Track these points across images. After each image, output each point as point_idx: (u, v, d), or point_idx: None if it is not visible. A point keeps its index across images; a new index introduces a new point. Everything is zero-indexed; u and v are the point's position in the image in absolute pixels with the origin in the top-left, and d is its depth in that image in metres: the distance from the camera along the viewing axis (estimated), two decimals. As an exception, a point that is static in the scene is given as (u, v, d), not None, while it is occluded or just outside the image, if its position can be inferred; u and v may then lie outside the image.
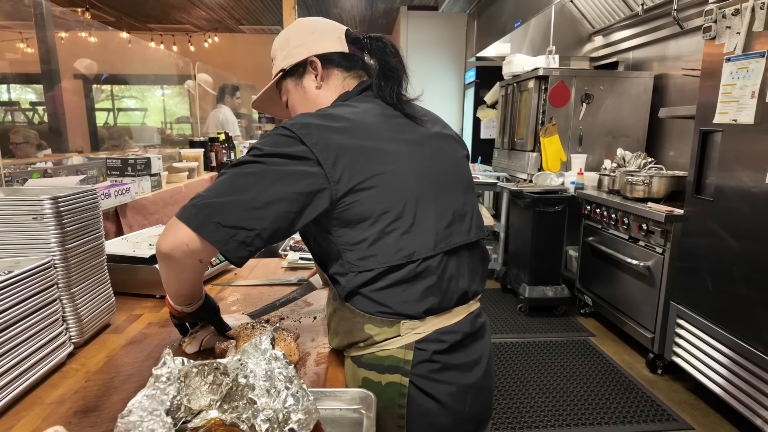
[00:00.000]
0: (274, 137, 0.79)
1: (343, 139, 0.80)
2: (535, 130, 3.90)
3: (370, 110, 0.88)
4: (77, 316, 0.98)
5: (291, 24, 1.03)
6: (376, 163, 0.81)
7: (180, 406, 0.71)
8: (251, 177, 0.76)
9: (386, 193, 0.81)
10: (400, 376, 0.83)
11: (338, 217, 0.81)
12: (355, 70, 0.98)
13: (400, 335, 0.84)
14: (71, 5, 6.70)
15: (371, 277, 0.82)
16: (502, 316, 3.55)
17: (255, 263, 1.60)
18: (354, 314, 0.85)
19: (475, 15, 5.07)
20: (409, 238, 0.82)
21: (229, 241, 0.75)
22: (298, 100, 0.99)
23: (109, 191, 1.59)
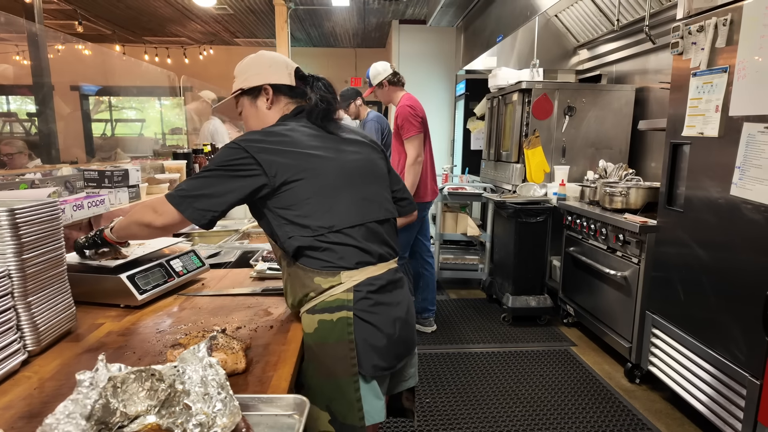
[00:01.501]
0: (229, 150, 1.14)
1: (277, 148, 1.14)
2: (519, 142, 3.96)
3: (300, 128, 1.22)
4: (33, 324, 1.00)
5: (256, 54, 1.32)
6: (302, 165, 1.15)
7: (116, 411, 0.74)
8: (216, 178, 1.11)
9: (310, 184, 1.14)
10: (346, 312, 1.13)
11: (277, 202, 1.14)
12: (296, 98, 1.31)
13: (342, 282, 1.14)
14: (66, 18, 6.78)
15: (308, 242, 1.13)
16: (486, 325, 3.56)
17: (225, 273, 1.63)
18: (305, 271, 1.15)
19: (462, 29, 5.16)
20: (329, 215, 1.14)
21: (202, 219, 1.12)
22: (251, 114, 1.32)
23: (82, 203, 1.62)
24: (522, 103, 3.89)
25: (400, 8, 6.32)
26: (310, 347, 1.15)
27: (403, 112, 3.01)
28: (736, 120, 1.89)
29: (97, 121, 9.14)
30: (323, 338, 1.13)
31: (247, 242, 2.07)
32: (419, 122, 3.01)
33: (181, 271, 1.47)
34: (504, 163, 4.26)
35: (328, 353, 1.12)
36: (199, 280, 1.55)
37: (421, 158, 3.04)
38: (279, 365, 0.98)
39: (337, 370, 1.12)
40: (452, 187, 4.32)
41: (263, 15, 6.79)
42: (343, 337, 1.12)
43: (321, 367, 1.13)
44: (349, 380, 1.12)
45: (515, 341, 3.29)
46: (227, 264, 1.75)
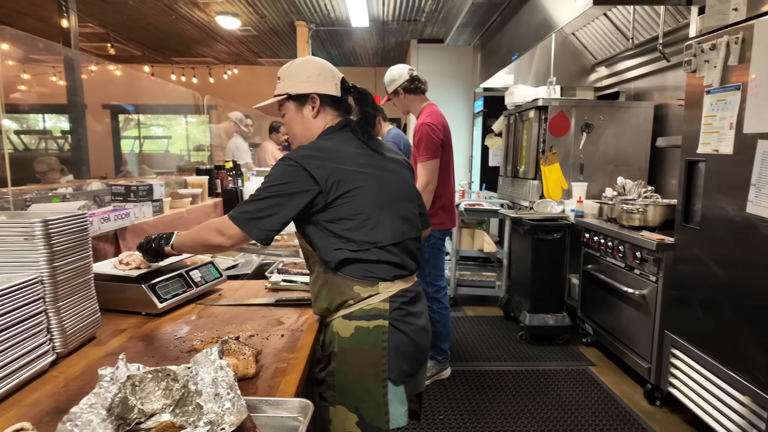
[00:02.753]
0: (286, 168, 1.19)
1: (332, 165, 1.20)
2: (537, 159, 3.96)
3: (348, 144, 1.28)
4: (62, 328, 1.07)
5: (305, 59, 1.36)
6: (353, 181, 1.21)
7: (134, 407, 0.79)
8: (277, 198, 1.17)
9: (360, 201, 1.21)
10: (381, 320, 1.21)
11: (326, 215, 1.19)
12: (341, 111, 1.35)
13: (380, 293, 1.22)
14: (99, 41, 7.12)
15: (352, 255, 1.19)
16: (503, 343, 3.54)
17: (241, 284, 1.69)
18: (345, 279, 1.21)
19: (479, 47, 5.22)
20: (374, 231, 1.22)
21: (267, 238, 1.18)
22: (296, 120, 1.34)
23: (109, 215, 1.71)
24: (539, 120, 3.91)
25: (418, 28, 6.45)
26: (344, 350, 1.20)
27: (422, 132, 2.64)
28: (750, 137, 1.88)
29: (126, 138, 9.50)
30: (358, 343, 1.19)
31: (264, 256, 2.13)
32: (437, 145, 2.64)
33: (200, 282, 1.53)
34: (521, 179, 4.26)
35: (362, 358, 1.19)
36: (216, 290, 1.62)
37: (432, 186, 2.67)
38: (287, 372, 1.02)
39: (368, 374, 1.19)
40: (469, 203, 4.33)
41: (286, 36, 7.01)
42: (377, 344, 1.20)
43: (353, 370, 1.19)
44: (379, 384, 1.20)
45: (532, 360, 3.25)
46: (244, 275, 1.81)
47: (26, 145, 8.59)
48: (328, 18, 6.17)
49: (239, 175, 3.29)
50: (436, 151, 2.66)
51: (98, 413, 0.61)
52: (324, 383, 1.23)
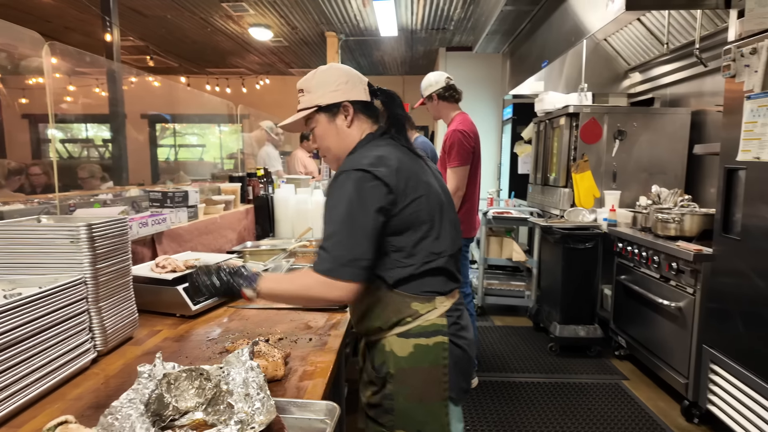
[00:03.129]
0: (362, 184, 1.07)
1: (397, 171, 1.11)
2: (567, 166, 3.89)
3: (397, 150, 1.19)
4: (102, 327, 1.13)
5: (327, 67, 1.27)
6: (415, 188, 1.13)
7: (169, 405, 0.82)
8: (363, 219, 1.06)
9: (424, 209, 1.13)
10: (441, 337, 1.13)
11: (391, 228, 1.10)
12: (373, 116, 1.27)
13: (437, 308, 1.14)
14: (139, 53, 7.43)
15: (413, 270, 1.11)
16: (532, 355, 3.47)
17: (270, 289, 1.73)
18: (402, 297, 1.12)
19: (508, 55, 5.19)
20: (437, 242, 1.14)
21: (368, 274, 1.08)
22: (329, 132, 1.24)
23: (147, 221, 1.78)
24: (570, 127, 3.85)
25: (447, 36, 6.47)
26: (402, 371, 1.12)
27: (454, 138, 2.69)
28: (795, 144, 1.80)
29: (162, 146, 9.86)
30: (418, 362, 1.12)
31: (293, 260, 2.17)
32: (468, 152, 2.71)
33: (232, 286, 1.57)
34: (551, 187, 4.20)
35: (422, 377, 1.12)
36: (247, 294, 1.65)
37: (461, 192, 2.73)
38: (315, 375, 1.04)
39: (429, 394, 1.12)
40: (497, 211, 4.29)
41: (316, 46, 7.15)
42: (437, 362, 1.13)
43: (414, 391, 1.11)
44: (441, 404, 1.13)
45: (563, 372, 3.18)
46: (274, 280, 1.85)
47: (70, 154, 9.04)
48: (357, 28, 6.26)
49: (270, 182, 3.37)
50: (467, 157, 2.71)
51: (137, 408, 0.65)
52: (379, 407, 1.14)
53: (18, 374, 0.88)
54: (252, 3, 5.36)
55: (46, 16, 5.91)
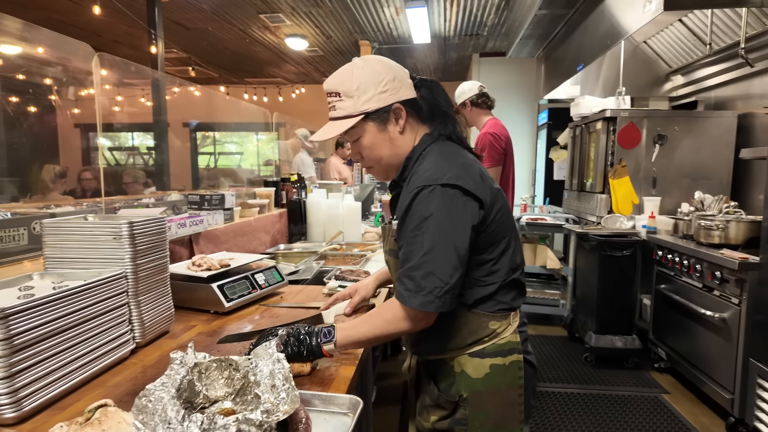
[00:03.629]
0: (444, 200, 0.95)
1: (483, 182, 1.02)
2: (604, 172, 3.80)
3: (463, 154, 1.08)
4: (141, 320, 1.18)
5: (363, 63, 1.06)
6: (496, 198, 1.04)
7: (199, 393, 0.86)
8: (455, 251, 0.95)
9: (505, 222, 1.05)
10: (517, 355, 1.06)
11: (479, 243, 1.01)
12: (422, 115, 1.10)
13: (511, 324, 1.07)
14: (182, 64, 7.75)
15: (494, 289, 1.04)
16: (566, 365, 3.38)
17: (301, 289, 1.77)
18: (479, 316, 1.04)
19: (542, 59, 5.12)
20: (515, 252, 1.08)
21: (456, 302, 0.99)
22: (379, 142, 1.07)
23: (185, 221, 1.86)
24: (607, 131, 3.75)
25: (480, 42, 6.45)
26: (478, 394, 1.03)
27: (484, 140, 2.80)
28: None
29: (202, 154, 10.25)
30: (495, 384, 1.03)
31: (323, 263, 2.21)
32: (500, 154, 2.81)
33: (264, 284, 1.62)
34: (588, 193, 4.09)
35: (500, 400, 1.03)
36: (278, 293, 1.70)
37: None
38: (340, 371, 1.06)
39: (507, 418, 1.04)
40: (531, 218, 4.22)
41: (350, 55, 7.25)
42: (514, 382, 1.05)
43: (492, 415, 1.03)
44: (518, 428, 1.06)
45: (598, 383, 3.08)
46: (304, 281, 1.89)
47: (117, 161, 9.53)
48: (390, 36, 6.33)
49: (303, 187, 3.44)
50: (499, 159, 2.80)
51: (168, 391, 0.68)
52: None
53: (63, 360, 0.94)
54: (288, 14, 5.52)
55: (98, 31, 6.28)
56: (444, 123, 1.10)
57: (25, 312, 0.86)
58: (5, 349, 0.82)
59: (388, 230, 1.17)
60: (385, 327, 1.00)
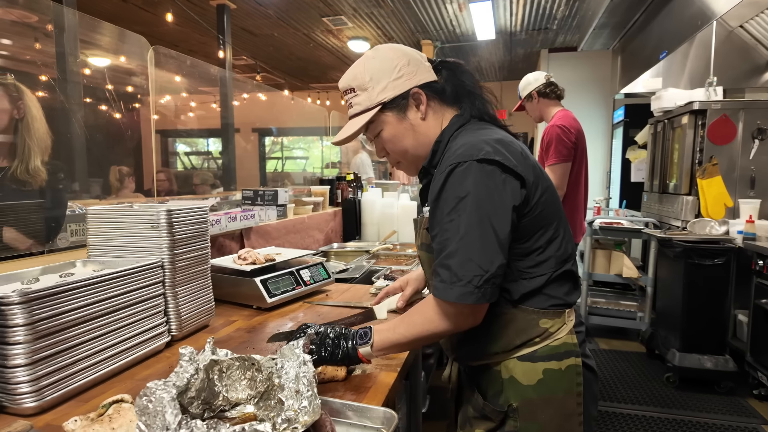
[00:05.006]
0: (480, 178, 0.84)
1: (524, 158, 0.91)
2: (691, 171, 3.40)
3: (503, 132, 0.97)
4: (177, 312, 1.14)
5: (373, 53, 1.00)
6: (545, 178, 0.93)
7: (219, 394, 0.77)
8: (494, 234, 0.83)
9: (551, 204, 0.93)
10: (574, 358, 0.93)
11: (523, 228, 0.90)
12: (447, 98, 1.01)
13: (566, 323, 0.94)
14: (250, 71, 8.06)
15: (544, 280, 0.91)
16: (644, 384, 3.03)
17: (348, 287, 1.68)
18: (528, 313, 0.92)
19: (618, 51, 4.73)
20: (566, 241, 0.95)
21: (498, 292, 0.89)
22: (402, 132, 0.99)
23: (236, 215, 1.84)
24: (694, 126, 3.36)
25: (549, 37, 6.11)
26: (530, 402, 0.91)
27: (552, 133, 2.49)
28: None
29: (270, 158, 10.64)
30: (551, 391, 0.91)
31: (374, 262, 2.11)
32: (569, 148, 2.48)
33: (309, 281, 1.55)
34: (671, 195, 3.69)
35: (555, 410, 0.91)
36: (324, 291, 1.62)
37: (560, 192, 2.48)
38: (378, 380, 0.94)
39: (564, 431, 0.93)
40: (605, 221, 3.87)
41: (412, 56, 7.18)
42: (572, 389, 0.92)
43: (547, 426, 0.92)
44: None
45: (683, 408, 2.73)
46: (352, 280, 1.80)
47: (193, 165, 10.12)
48: (453, 34, 6.17)
49: (359, 186, 3.38)
50: (568, 154, 2.49)
51: (169, 391, 0.60)
52: None
53: (91, 350, 0.91)
54: (350, 16, 5.53)
55: (175, 41, 6.66)
56: (471, 103, 1.00)
57: (49, 297, 0.83)
58: (27, 335, 0.79)
59: (420, 222, 1.06)
60: (425, 326, 0.89)
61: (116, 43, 3.19)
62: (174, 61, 2.66)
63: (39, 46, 3.87)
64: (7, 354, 0.78)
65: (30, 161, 1.50)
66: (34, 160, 1.51)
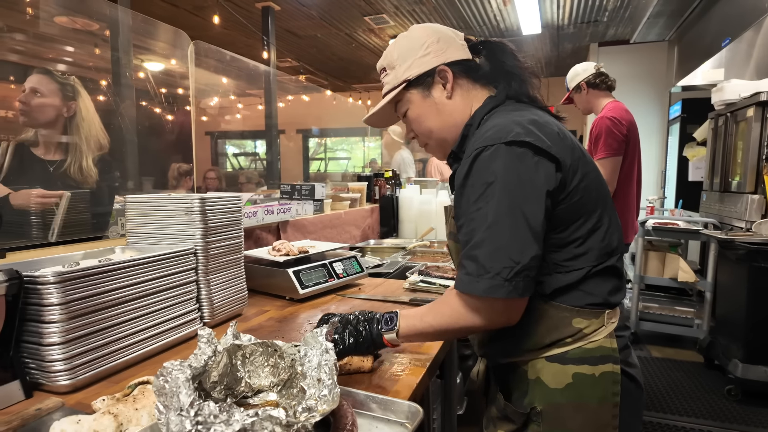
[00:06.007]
0: (510, 161, 0.78)
1: (561, 139, 0.83)
2: (758, 168, 3.13)
3: (541, 113, 0.89)
4: (210, 300, 1.15)
5: (408, 32, 0.98)
6: (586, 162, 0.85)
7: (241, 380, 0.76)
8: (527, 221, 0.77)
9: (594, 191, 0.84)
10: (612, 365, 0.84)
11: (559, 216, 0.82)
12: (482, 78, 0.96)
13: (605, 325, 0.85)
14: (293, 73, 8.23)
15: (580, 276, 0.83)
16: (702, 396, 2.82)
17: (381, 282, 1.65)
18: (560, 310, 0.84)
19: (675, 41, 4.46)
20: (611, 233, 0.86)
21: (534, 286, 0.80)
22: (427, 111, 0.96)
23: (273, 208, 1.85)
24: (762, 119, 3.10)
25: (599, 30, 5.84)
26: (557, 407, 0.84)
27: (601, 125, 2.34)
28: None
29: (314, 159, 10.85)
30: (581, 397, 0.83)
31: (410, 258, 2.07)
32: (619, 141, 2.32)
33: (341, 274, 1.53)
34: (734, 194, 3.42)
35: (586, 419, 0.83)
36: (357, 284, 1.60)
37: (611, 188, 2.35)
38: (405, 374, 0.90)
39: None
40: (660, 221, 3.64)
41: (455, 53, 7.08)
42: (606, 398, 0.83)
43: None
44: None
45: (745, 423, 2.51)
46: (387, 275, 1.77)
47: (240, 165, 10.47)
48: (497, 29, 6.02)
49: (398, 184, 3.35)
50: (618, 148, 2.32)
51: (184, 372, 0.59)
52: None
53: (123, 332, 0.92)
54: (392, 14, 5.52)
55: (223, 44, 6.87)
56: (508, 83, 0.93)
57: (83, 278, 0.84)
58: (62, 314, 0.81)
59: (449, 210, 1.00)
60: (453, 318, 0.83)
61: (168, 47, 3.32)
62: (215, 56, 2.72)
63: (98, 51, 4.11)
64: (43, 332, 0.80)
65: (82, 160, 1.57)
66: (86, 159, 1.58)
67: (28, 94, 1.49)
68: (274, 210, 1.86)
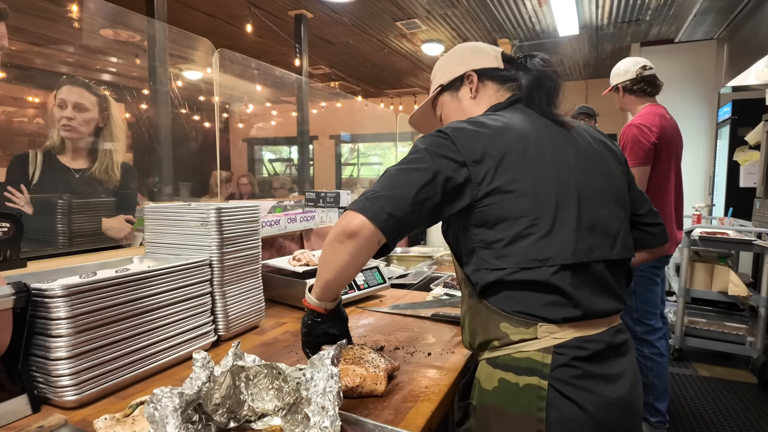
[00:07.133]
0: (431, 138, 0.88)
1: (490, 144, 0.86)
2: (819, 174, 2.89)
3: (519, 120, 0.92)
4: (225, 312, 1.12)
5: (452, 49, 1.12)
6: (519, 169, 0.85)
7: (244, 403, 0.72)
8: (409, 174, 0.84)
9: (526, 197, 0.84)
10: (538, 379, 0.82)
11: (477, 216, 0.86)
12: (509, 84, 1.02)
13: (538, 338, 0.84)
14: (326, 79, 8.29)
15: (504, 276, 0.84)
16: (755, 421, 2.61)
17: (404, 294, 1.59)
18: (490, 311, 0.87)
19: (724, 39, 4.20)
20: (546, 243, 0.84)
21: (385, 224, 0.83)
22: (452, 110, 1.07)
23: (296, 217, 1.83)
24: (823, 120, 2.86)
25: (641, 29, 5.59)
26: (484, 408, 0.86)
27: (628, 134, 2.26)
28: None
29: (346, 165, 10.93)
30: (503, 403, 0.83)
31: (435, 268, 2.00)
32: (646, 150, 2.22)
33: (363, 285, 1.49)
34: (791, 202, 3.17)
35: (507, 425, 0.83)
36: (378, 296, 1.55)
37: None
38: (421, 399, 0.85)
39: None
40: (707, 231, 3.42)
41: (488, 56, 6.95)
42: (529, 411, 0.82)
43: None
44: None
45: (806, 453, 2.30)
46: (410, 286, 1.71)
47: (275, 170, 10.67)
48: (532, 31, 5.87)
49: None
50: (645, 157, 2.21)
51: (173, 400, 0.56)
52: None
53: (133, 346, 0.91)
54: (424, 18, 5.47)
55: (258, 53, 7.02)
56: (530, 91, 0.97)
57: (91, 291, 0.83)
58: (69, 328, 0.80)
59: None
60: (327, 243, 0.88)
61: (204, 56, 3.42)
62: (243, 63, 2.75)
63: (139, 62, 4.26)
64: (50, 346, 0.79)
65: (109, 164, 1.59)
66: (113, 163, 1.60)
67: (74, 109, 1.50)
68: (297, 218, 1.84)
